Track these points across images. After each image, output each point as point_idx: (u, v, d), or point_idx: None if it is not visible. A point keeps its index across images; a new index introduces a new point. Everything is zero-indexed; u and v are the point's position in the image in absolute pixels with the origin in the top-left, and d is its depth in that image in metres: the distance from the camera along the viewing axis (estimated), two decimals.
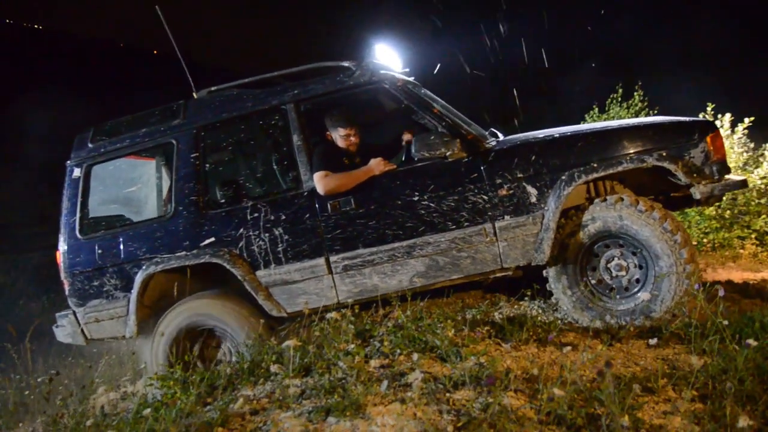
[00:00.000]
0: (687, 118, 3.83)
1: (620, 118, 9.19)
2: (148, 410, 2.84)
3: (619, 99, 9.45)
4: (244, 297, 3.93)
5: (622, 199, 3.55)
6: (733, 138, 7.21)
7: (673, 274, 3.46)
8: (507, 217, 3.65)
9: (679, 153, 3.57)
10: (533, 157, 3.64)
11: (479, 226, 3.67)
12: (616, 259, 3.69)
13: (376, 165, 3.75)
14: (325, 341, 3.12)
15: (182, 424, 2.59)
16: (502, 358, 2.90)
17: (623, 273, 3.66)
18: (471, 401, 2.37)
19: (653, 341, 3.00)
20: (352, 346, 3.02)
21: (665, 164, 3.53)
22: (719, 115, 7.41)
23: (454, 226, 3.68)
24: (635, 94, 9.28)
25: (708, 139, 3.60)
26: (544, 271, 3.74)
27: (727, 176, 3.64)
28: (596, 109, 9.67)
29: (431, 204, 3.69)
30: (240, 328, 3.86)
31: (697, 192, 3.54)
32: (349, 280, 3.80)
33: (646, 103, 9.28)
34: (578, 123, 9.26)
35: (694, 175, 3.55)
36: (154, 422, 2.68)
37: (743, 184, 3.63)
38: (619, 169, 3.55)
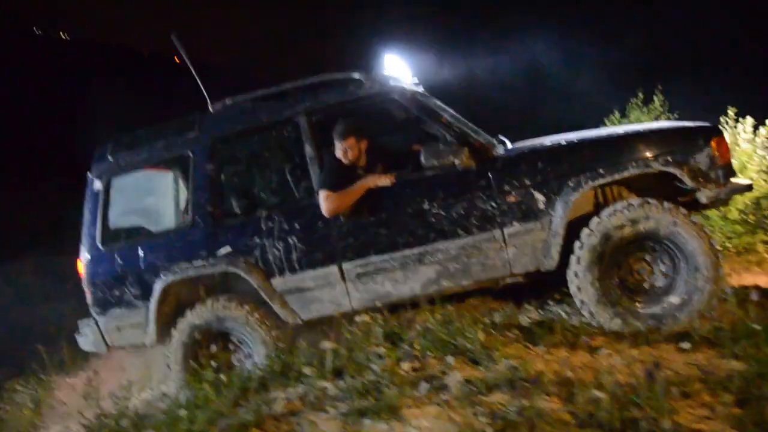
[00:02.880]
0: (692, 123, 3.92)
1: (640, 122, 9.08)
2: (183, 411, 2.86)
3: (640, 103, 9.34)
4: (258, 302, 4.02)
5: (679, 208, 3.56)
6: (755, 141, 7.09)
7: (707, 289, 3.48)
8: (516, 224, 3.70)
9: (685, 158, 3.61)
10: (540, 164, 3.70)
11: (488, 232, 3.72)
12: (643, 262, 3.69)
13: (372, 179, 3.82)
14: (356, 344, 3.13)
15: (218, 424, 2.60)
16: (533, 362, 2.88)
17: (647, 278, 3.68)
18: (506, 404, 2.37)
19: (685, 345, 2.95)
20: (382, 349, 3.03)
21: (671, 169, 3.57)
22: (740, 119, 7.29)
23: (463, 233, 3.74)
24: (655, 97, 9.18)
25: (713, 143, 3.64)
26: (572, 256, 3.62)
27: (732, 180, 3.68)
28: (617, 113, 9.57)
29: (441, 212, 3.75)
30: (253, 332, 3.95)
31: (703, 196, 3.59)
32: (362, 287, 3.87)
33: (666, 107, 9.17)
34: (598, 127, 9.22)
35: (700, 179, 3.59)
36: (189, 423, 2.70)
37: (749, 187, 3.70)
38: (625, 174, 3.61)
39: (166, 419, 2.89)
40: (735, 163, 6.94)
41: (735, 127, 7.34)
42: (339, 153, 3.93)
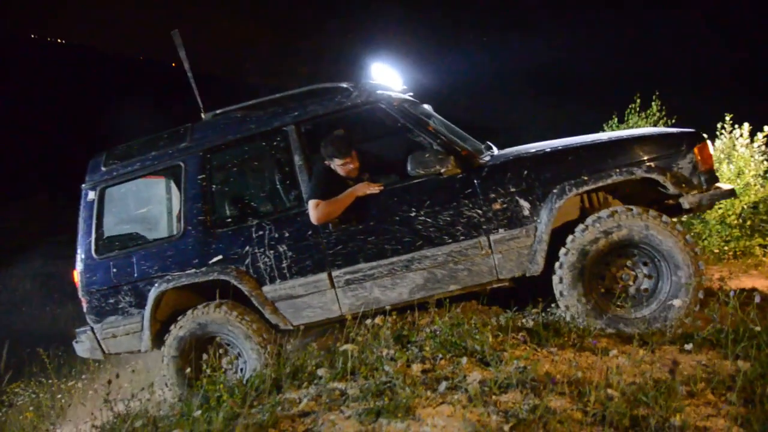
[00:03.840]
0: (675, 129, 3.96)
1: (638, 127, 9.22)
2: (198, 412, 2.93)
3: (637, 109, 9.48)
4: (249, 307, 4.12)
5: (648, 211, 3.64)
6: (752, 147, 7.23)
7: (692, 284, 3.59)
8: (501, 230, 3.79)
9: (668, 164, 3.70)
10: (525, 172, 3.79)
11: (474, 239, 3.81)
12: (626, 268, 3.78)
13: (360, 187, 3.90)
14: (366, 346, 3.21)
15: (234, 425, 2.67)
16: (541, 363, 2.97)
17: (631, 282, 3.77)
18: (518, 403, 2.46)
19: (688, 347, 3.05)
20: (393, 351, 3.11)
21: (654, 175, 3.66)
22: (737, 125, 7.44)
23: (450, 240, 3.83)
24: (653, 103, 9.32)
25: (696, 149, 3.72)
26: (554, 277, 3.76)
27: (715, 185, 3.76)
28: (615, 119, 9.72)
29: (428, 219, 3.85)
30: (235, 329, 4.07)
31: (686, 202, 3.67)
32: (351, 293, 3.98)
33: (664, 113, 9.31)
34: (596, 132, 9.34)
35: (683, 185, 3.68)
36: (207, 424, 2.77)
37: (731, 192, 3.75)
38: (609, 181, 3.69)
39: (182, 421, 2.96)
40: (732, 168, 7.14)
41: (731, 132, 7.50)
42: (339, 167, 3.98)
